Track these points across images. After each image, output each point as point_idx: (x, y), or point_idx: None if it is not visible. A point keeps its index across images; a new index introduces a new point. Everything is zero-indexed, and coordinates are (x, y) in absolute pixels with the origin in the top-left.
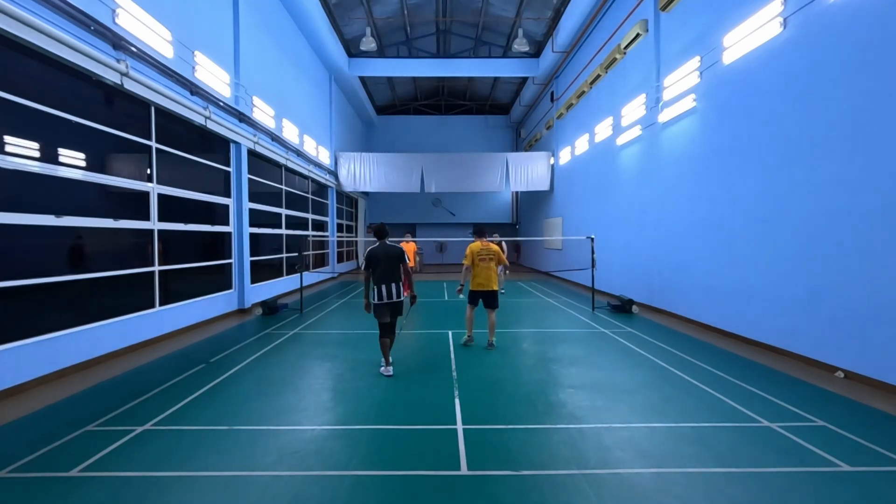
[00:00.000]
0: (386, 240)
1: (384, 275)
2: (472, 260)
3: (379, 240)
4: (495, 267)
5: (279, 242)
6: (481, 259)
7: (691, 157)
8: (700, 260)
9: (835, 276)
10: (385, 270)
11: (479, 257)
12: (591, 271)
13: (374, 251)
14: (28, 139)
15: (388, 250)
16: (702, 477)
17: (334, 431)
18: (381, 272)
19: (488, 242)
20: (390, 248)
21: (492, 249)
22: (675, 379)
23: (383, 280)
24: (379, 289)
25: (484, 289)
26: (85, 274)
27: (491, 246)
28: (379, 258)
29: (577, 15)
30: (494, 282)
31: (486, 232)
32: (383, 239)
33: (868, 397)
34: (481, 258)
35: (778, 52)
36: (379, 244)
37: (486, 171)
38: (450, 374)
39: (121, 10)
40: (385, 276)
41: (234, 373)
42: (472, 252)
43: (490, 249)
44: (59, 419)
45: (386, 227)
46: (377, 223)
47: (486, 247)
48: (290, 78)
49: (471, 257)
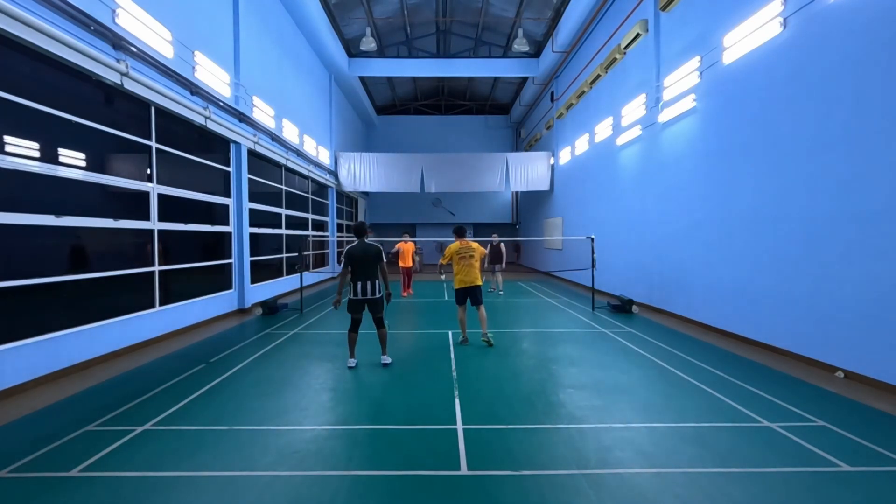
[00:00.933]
0: (365, 238)
1: (361, 272)
2: (452, 259)
3: (358, 238)
4: (476, 264)
5: (279, 242)
6: (461, 258)
7: (691, 157)
8: (700, 260)
9: (835, 276)
10: (362, 268)
11: (460, 255)
12: (591, 271)
13: (352, 249)
14: (28, 139)
15: (366, 248)
16: (702, 477)
17: (334, 431)
18: (359, 270)
19: (468, 241)
20: (369, 246)
21: (472, 248)
22: (675, 379)
23: (359, 277)
24: (354, 285)
25: (467, 285)
26: (85, 274)
27: (471, 245)
28: (356, 256)
29: (577, 15)
30: (478, 278)
31: (465, 231)
32: (362, 237)
33: (868, 397)
34: (461, 256)
35: (778, 52)
36: (358, 242)
37: (486, 171)
38: (450, 374)
39: (121, 10)
40: (362, 273)
41: (234, 373)
42: (451, 252)
43: (470, 247)
44: (59, 419)
45: (365, 226)
46: (358, 222)
47: (466, 245)
48: (290, 78)
49: (449, 256)
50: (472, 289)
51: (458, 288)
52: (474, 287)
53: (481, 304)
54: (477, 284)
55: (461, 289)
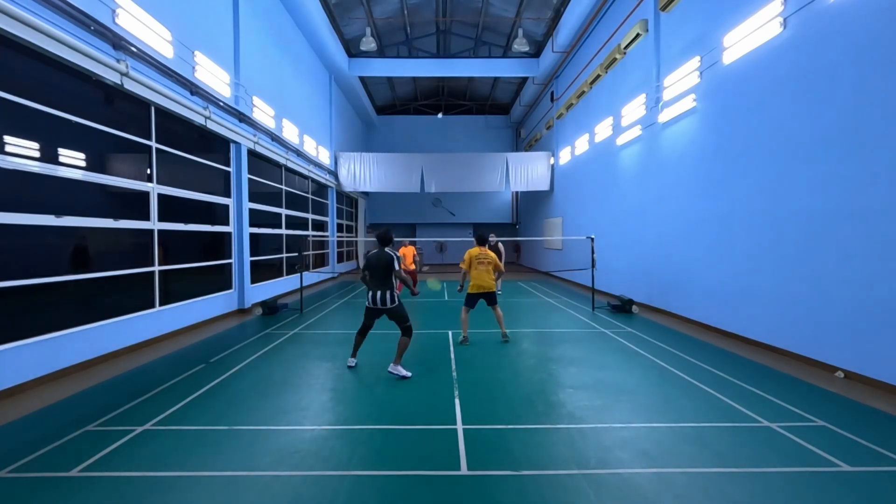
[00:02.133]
0: (387, 247)
1: (373, 281)
2: (471, 263)
3: (380, 245)
4: (492, 272)
5: (279, 242)
6: (479, 263)
7: (691, 157)
8: (700, 260)
9: (835, 276)
10: (375, 277)
11: (478, 261)
12: (591, 271)
13: (369, 257)
14: (28, 139)
15: (379, 257)
16: (702, 477)
17: (334, 431)
18: (372, 278)
19: (486, 249)
20: (382, 255)
21: (489, 256)
22: (675, 379)
23: (372, 286)
24: (367, 293)
25: (482, 290)
26: (85, 274)
27: (489, 253)
28: (371, 264)
29: (577, 15)
30: (492, 284)
31: (486, 240)
32: (384, 246)
33: (868, 397)
34: (479, 262)
35: (778, 52)
36: (378, 250)
37: (486, 171)
38: (450, 374)
39: (121, 10)
40: (374, 282)
41: (234, 373)
42: (471, 256)
43: (488, 255)
44: (59, 419)
45: (389, 234)
46: (382, 229)
47: (485, 253)
48: (290, 78)
49: (468, 261)
50: (487, 294)
51: (473, 292)
52: (489, 293)
53: (496, 304)
54: (492, 290)
55: (475, 293)
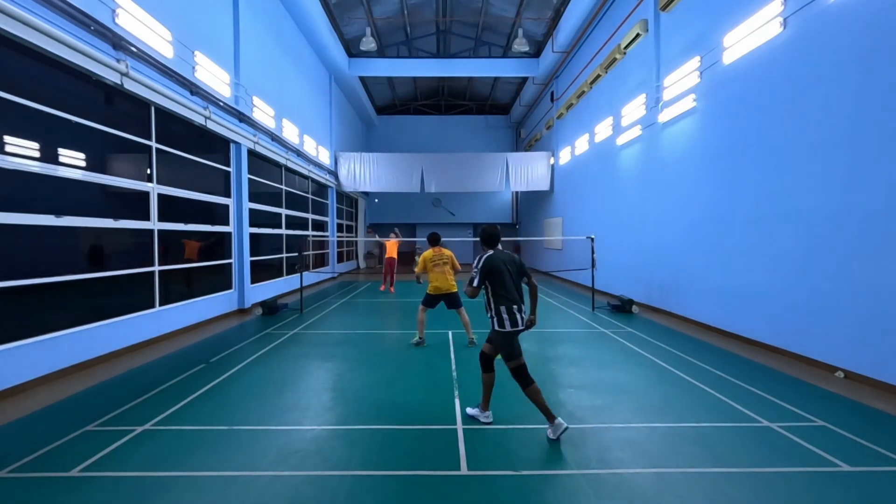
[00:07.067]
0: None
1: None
2: (426, 266)
3: (431, 246)
4: (450, 271)
5: (279, 242)
6: (435, 265)
7: (691, 158)
8: (700, 260)
9: (835, 276)
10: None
11: (433, 263)
12: (591, 271)
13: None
14: (28, 139)
15: (512, 258)
16: (702, 477)
17: (334, 431)
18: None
19: (441, 249)
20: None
21: (445, 255)
22: (675, 379)
23: (507, 299)
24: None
25: (441, 292)
26: (85, 274)
27: (444, 252)
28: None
29: (577, 15)
30: (452, 285)
31: (439, 239)
32: (434, 245)
33: (868, 397)
34: (435, 264)
35: (778, 52)
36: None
37: (486, 171)
38: (450, 374)
39: (121, 10)
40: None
41: (234, 373)
42: (424, 260)
43: (443, 255)
44: (59, 419)
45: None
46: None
47: (439, 253)
48: (290, 78)
49: (422, 265)
50: (447, 295)
51: (432, 293)
52: (449, 294)
53: (460, 307)
54: (451, 291)
55: (434, 294)
